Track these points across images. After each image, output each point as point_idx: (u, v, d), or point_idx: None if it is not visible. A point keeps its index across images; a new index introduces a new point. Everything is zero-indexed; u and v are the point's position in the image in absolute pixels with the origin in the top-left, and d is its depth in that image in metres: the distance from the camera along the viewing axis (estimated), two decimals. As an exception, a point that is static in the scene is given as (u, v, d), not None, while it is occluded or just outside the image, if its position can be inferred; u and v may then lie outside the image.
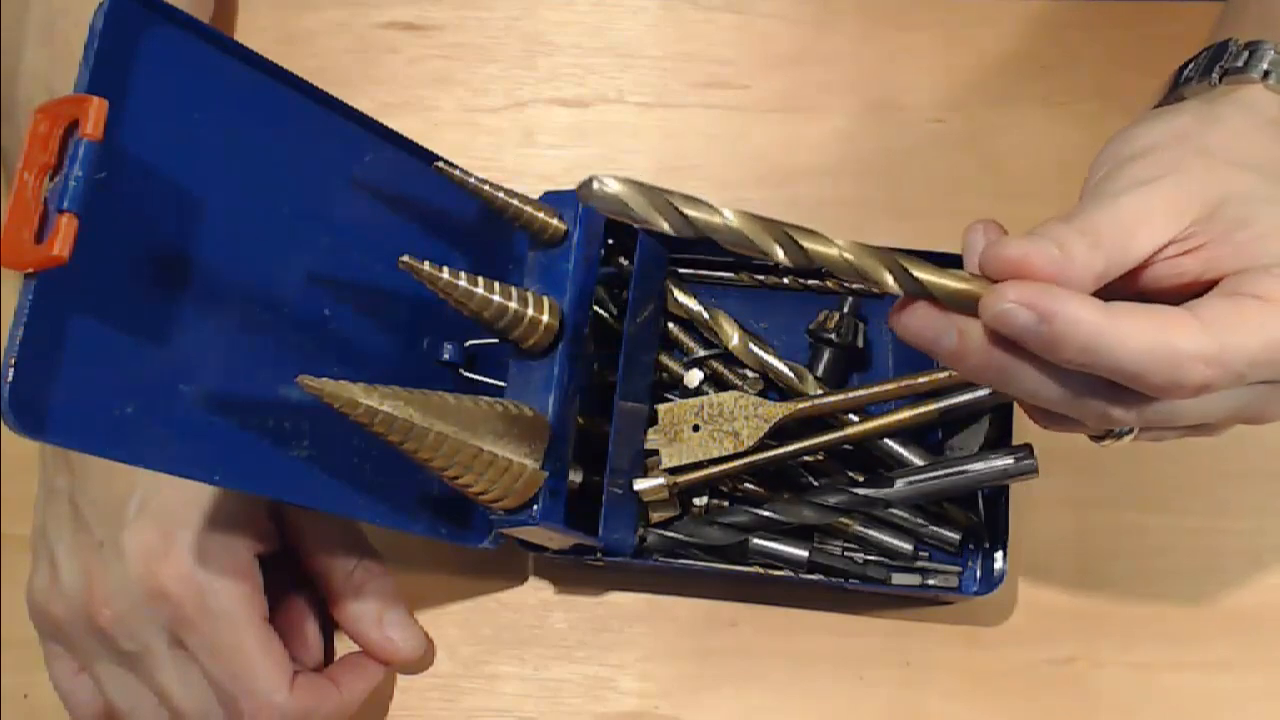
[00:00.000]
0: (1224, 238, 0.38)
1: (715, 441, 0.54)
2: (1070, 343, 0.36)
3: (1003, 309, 0.36)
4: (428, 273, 0.47)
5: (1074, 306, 0.35)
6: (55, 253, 0.36)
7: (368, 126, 0.50)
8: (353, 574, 0.54)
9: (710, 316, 0.57)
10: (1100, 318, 0.36)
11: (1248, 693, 0.54)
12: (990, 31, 0.63)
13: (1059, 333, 0.36)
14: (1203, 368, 0.36)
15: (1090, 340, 0.35)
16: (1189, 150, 0.40)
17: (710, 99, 0.63)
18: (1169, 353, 0.36)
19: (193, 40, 0.43)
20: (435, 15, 0.65)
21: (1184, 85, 0.45)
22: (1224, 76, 0.43)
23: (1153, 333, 0.36)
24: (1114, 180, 0.40)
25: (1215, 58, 0.44)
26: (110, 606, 0.49)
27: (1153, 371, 0.36)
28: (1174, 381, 0.36)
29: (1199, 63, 0.45)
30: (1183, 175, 0.39)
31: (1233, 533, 0.56)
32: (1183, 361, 0.36)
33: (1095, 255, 0.37)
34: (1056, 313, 0.35)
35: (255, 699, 0.49)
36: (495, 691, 0.56)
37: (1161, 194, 0.38)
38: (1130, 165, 0.40)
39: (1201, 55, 0.45)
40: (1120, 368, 0.36)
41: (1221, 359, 0.36)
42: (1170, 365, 0.36)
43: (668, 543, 0.54)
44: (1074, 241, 0.37)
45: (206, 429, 0.43)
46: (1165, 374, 0.36)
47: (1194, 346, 0.36)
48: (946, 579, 0.54)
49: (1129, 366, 0.36)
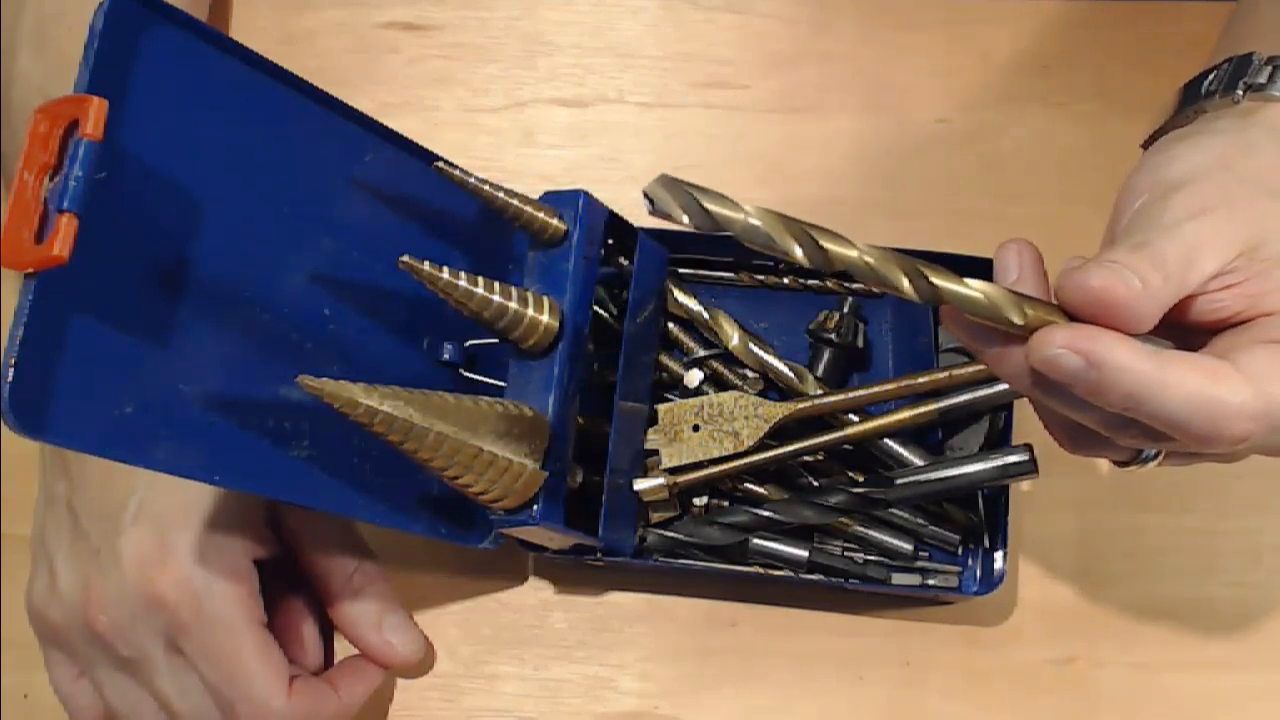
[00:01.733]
0: (1265, 275, 0.38)
1: (715, 441, 0.54)
2: (1116, 391, 0.36)
3: (1052, 355, 0.36)
4: (428, 273, 0.47)
5: (1123, 354, 0.35)
6: (55, 253, 0.36)
7: (368, 126, 0.50)
8: (351, 577, 0.54)
9: (710, 316, 0.57)
10: (1148, 367, 0.35)
11: (1248, 693, 0.54)
12: (990, 31, 0.63)
13: (1106, 380, 0.35)
14: (1245, 423, 0.36)
15: (1136, 390, 0.35)
16: (1234, 180, 0.40)
17: (710, 99, 0.63)
18: (1214, 407, 0.36)
19: (193, 40, 0.43)
20: (435, 15, 0.65)
21: (1205, 99, 0.44)
22: (1248, 92, 0.43)
23: (1199, 385, 0.36)
24: (1166, 208, 0.39)
25: (1238, 72, 0.43)
26: (107, 613, 0.49)
27: (1195, 424, 0.36)
28: (1215, 434, 0.36)
29: (1220, 75, 0.44)
30: (1230, 207, 0.39)
31: (1232, 532, 0.56)
32: (1228, 416, 0.36)
33: (1165, 286, 0.37)
34: (1105, 361, 0.35)
35: (253, 704, 0.49)
36: (495, 691, 0.56)
37: (1214, 224, 0.38)
38: (1179, 194, 0.39)
39: (1223, 67, 0.44)
40: (1163, 417, 0.36)
41: (1264, 415, 0.36)
42: (1213, 419, 0.36)
43: (668, 543, 0.54)
44: (1150, 273, 0.37)
45: (206, 429, 0.43)
46: (1207, 427, 0.36)
47: (1239, 401, 0.36)
48: (946, 579, 0.54)
49: (1172, 417, 0.36)
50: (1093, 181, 0.59)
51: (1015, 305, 0.36)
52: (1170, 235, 0.38)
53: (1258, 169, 0.40)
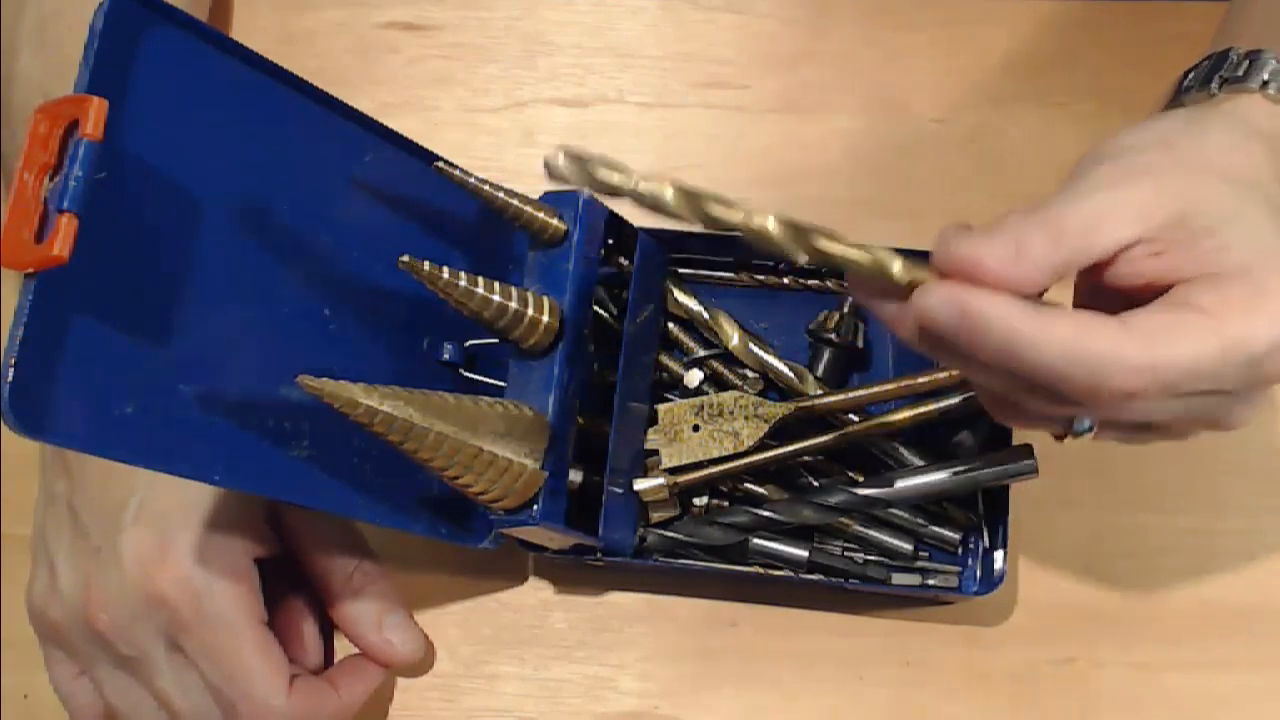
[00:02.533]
0: (1187, 245, 0.38)
1: (715, 441, 0.54)
2: (989, 340, 0.36)
3: (926, 305, 0.37)
4: (428, 273, 0.47)
5: (994, 305, 0.36)
6: (55, 253, 0.36)
7: (368, 126, 0.50)
8: (352, 576, 0.54)
9: (710, 316, 0.57)
10: (1021, 317, 0.36)
11: (1248, 693, 0.54)
12: (990, 31, 0.63)
13: (977, 329, 0.36)
14: (1127, 375, 0.36)
15: (1008, 340, 0.36)
16: (1169, 157, 0.40)
17: (710, 99, 0.63)
18: (1087, 357, 0.36)
19: (193, 40, 0.43)
20: (435, 15, 0.65)
21: (1185, 94, 0.45)
22: (1223, 85, 0.43)
23: (1073, 336, 0.36)
24: (1088, 177, 0.39)
25: (1215, 67, 0.44)
26: (108, 612, 0.49)
27: (1074, 374, 0.36)
28: (1093, 386, 0.36)
29: (1200, 71, 0.45)
30: (1157, 179, 0.39)
31: (1232, 532, 0.56)
32: (1104, 366, 0.36)
33: (1055, 252, 0.37)
34: (976, 312, 0.36)
35: (253, 703, 0.49)
36: (495, 691, 0.56)
37: (1132, 194, 0.38)
38: (1108, 163, 0.40)
39: (1203, 64, 0.45)
40: (1040, 368, 0.36)
41: (1149, 369, 0.36)
42: (1091, 370, 0.36)
43: (668, 543, 0.54)
44: (1033, 237, 0.37)
45: (206, 429, 0.43)
46: (1087, 378, 0.36)
47: (1113, 353, 0.36)
48: (946, 579, 0.54)
49: (1049, 367, 0.36)
50: (1092, 181, 0.60)
51: (900, 263, 0.38)
52: (1074, 200, 0.38)
53: (1202, 148, 0.40)
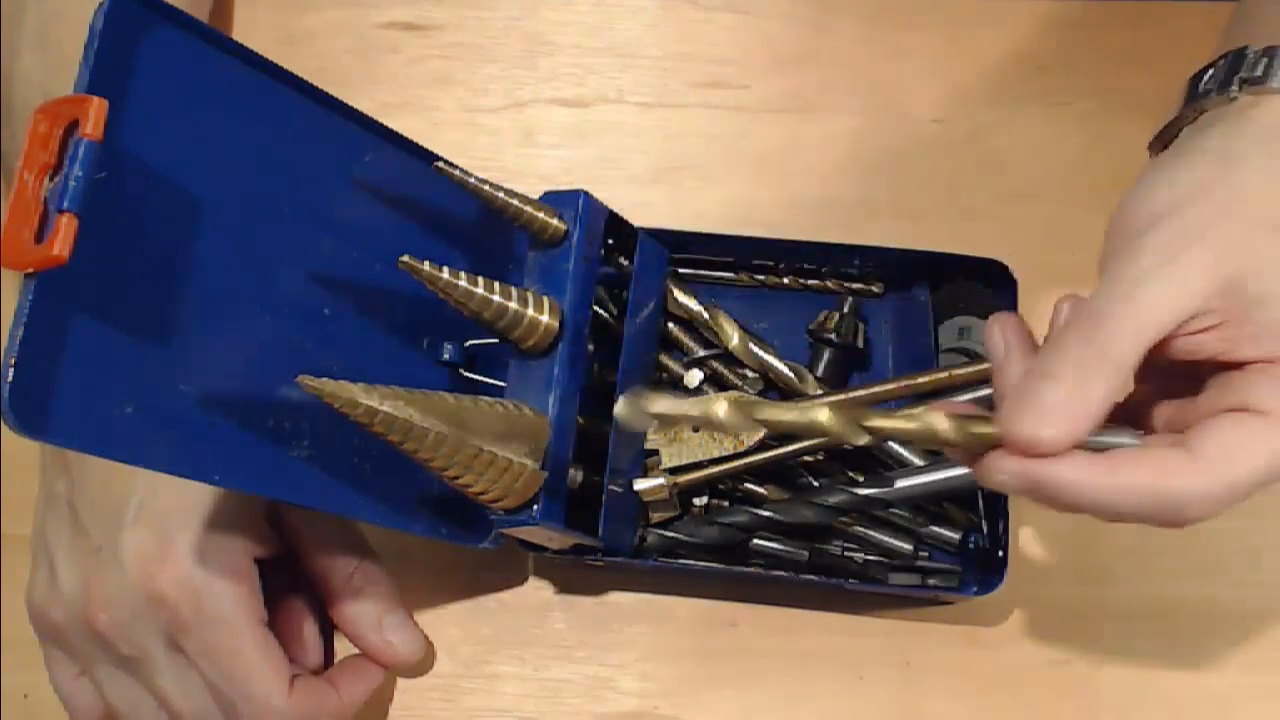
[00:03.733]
0: (1243, 317, 0.38)
1: (715, 441, 0.54)
2: (1064, 500, 0.38)
3: (998, 480, 0.39)
4: (428, 273, 0.47)
5: (1062, 471, 0.37)
6: (55, 253, 0.36)
7: (368, 126, 0.50)
8: (352, 577, 0.54)
9: (710, 316, 0.57)
10: (1092, 476, 0.37)
11: (1248, 693, 0.54)
12: (990, 32, 0.63)
13: (1053, 495, 0.38)
14: (1204, 505, 0.38)
15: (1084, 499, 0.38)
16: (1209, 211, 0.39)
17: (710, 99, 0.63)
18: (1166, 501, 0.38)
19: (193, 40, 0.43)
20: (435, 15, 0.65)
21: (1203, 98, 0.44)
22: (1244, 86, 0.42)
23: (1148, 483, 0.38)
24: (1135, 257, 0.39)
25: (1233, 67, 0.43)
26: (108, 611, 0.49)
27: (1154, 517, 0.38)
28: (1176, 520, 0.38)
29: (1216, 72, 0.44)
30: (1202, 246, 0.38)
31: (1232, 532, 0.56)
32: (1183, 505, 0.38)
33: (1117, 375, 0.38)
34: (1046, 481, 0.38)
35: (253, 703, 0.49)
36: (495, 691, 0.56)
37: (1182, 273, 0.38)
38: (1152, 235, 0.39)
39: (1219, 64, 0.44)
40: (1121, 517, 0.38)
41: (1226, 496, 0.37)
42: (1168, 511, 0.38)
43: (668, 543, 0.54)
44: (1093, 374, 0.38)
45: (206, 429, 0.43)
46: (1166, 517, 0.38)
47: (1191, 489, 0.37)
48: (946, 579, 0.54)
49: (1129, 514, 0.38)
50: (1092, 181, 0.60)
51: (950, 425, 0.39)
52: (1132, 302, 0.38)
53: (1241, 189, 0.39)
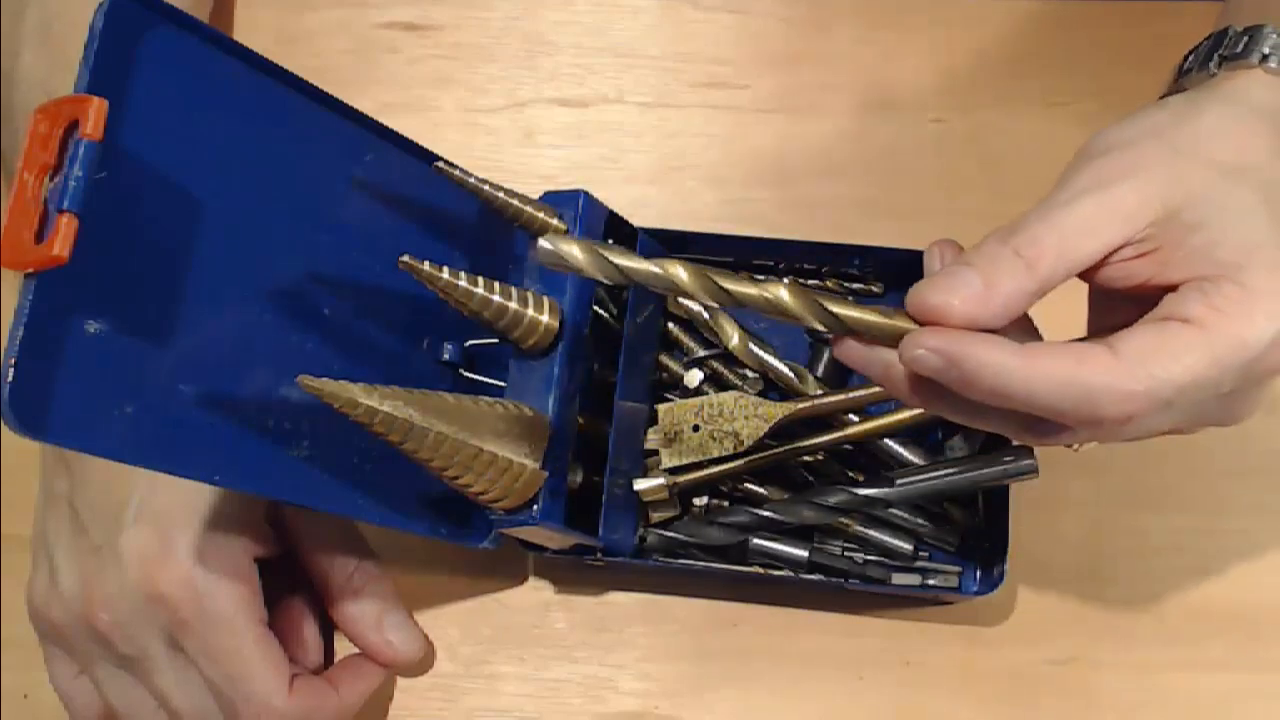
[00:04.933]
0: (1177, 243, 0.38)
1: (715, 441, 0.54)
2: (982, 384, 0.37)
3: (913, 355, 0.38)
4: (428, 273, 0.47)
5: (981, 350, 0.37)
6: (55, 253, 0.36)
7: (368, 126, 0.50)
8: (352, 576, 0.54)
9: (710, 316, 0.57)
10: (1010, 359, 0.37)
11: (1248, 693, 0.54)
12: (990, 31, 0.63)
13: (968, 375, 0.37)
14: (1120, 402, 0.36)
15: (1000, 383, 0.37)
16: (1157, 148, 0.39)
17: (710, 99, 0.63)
18: (1081, 390, 0.36)
19: (193, 40, 0.43)
20: (435, 15, 0.65)
21: (1185, 76, 0.44)
22: (1223, 63, 0.43)
23: (1063, 372, 0.37)
24: (1073, 182, 0.39)
25: (1215, 45, 0.43)
26: (108, 611, 0.49)
27: (1071, 410, 0.37)
28: (1093, 416, 0.37)
29: (1199, 52, 0.44)
30: (1143, 176, 0.38)
31: (1232, 532, 0.56)
32: (1097, 399, 0.36)
33: (1029, 277, 0.37)
34: (964, 357, 0.37)
35: (253, 702, 0.49)
36: (495, 691, 0.56)
37: (1117, 197, 0.38)
38: (1093, 163, 0.39)
39: (1202, 45, 0.44)
40: (1036, 407, 0.37)
41: (1143, 393, 0.36)
42: (1086, 402, 0.37)
43: (668, 543, 0.54)
44: (1002, 269, 0.37)
45: (206, 429, 0.43)
46: (1085, 411, 0.37)
47: (1105, 383, 0.36)
48: (946, 579, 0.54)
49: (1044, 405, 0.37)
50: (1092, 181, 0.60)
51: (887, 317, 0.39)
52: (1053, 214, 0.38)
53: (1192, 134, 0.40)
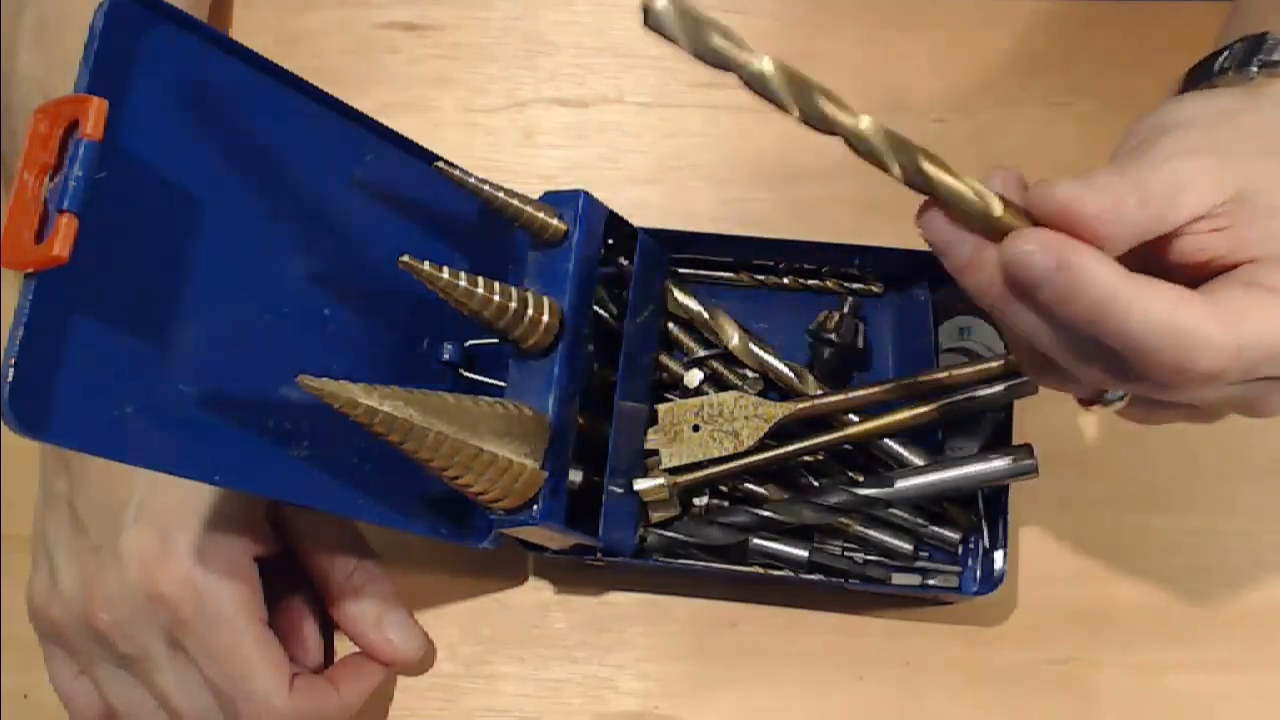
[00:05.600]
0: (1253, 222, 0.37)
1: (715, 441, 0.54)
2: (1084, 298, 0.35)
3: (1023, 251, 0.35)
4: (428, 273, 0.47)
5: (1095, 262, 0.35)
6: (55, 253, 0.36)
7: (368, 126, 0.50)
8: (352, 575, 0.54)
9: (710, 316, 0.57)
10: (1120, 279, 0.35)
11: (1248, 693, 0.54)
12: (991, 32, 0.63)
13: (1074, 284, 0.35)
14: (1214, 355, 0.35)
15: (1104, 300, 0.35)
16: (1233, 129, 0.39)
17: (710, 99, 0.63)
18: (1183, 333, 0.35)
19: (193, 40, 0.43)
20: (435, 15, 0.65)
21: (1219, 76, 0.44)
22: (1263, 68, 0.43)
23: (1169, 306, 0.35)
24: (1159, 145, 0.38)
25: (1252, 50, 0.43)
26: (108, 610, 0.49)
27: (1163, 349, 0.35)
28: (1182, 364, 0.35)
29: (1234, 54, 0.44)
30: (1226, 154, 0.38)
31: (1233, 533, 0.56)
32: (1196, 344, 0.35)
33: (1143, 212, 0.36)
34: (1076, 264, 0.35)
35: (254, 702, 0.49)
36: (495, 691, 0.56)
37: (1206, 166, 0.37)
38: (1175, 134, 0.39)
39: (1236, 47, 0.44)
40: (1129, 337, 0.35)
41: (1236, 350, 0.35)
42: (1182, 346, 0.35)
43: (668, 543, 0.54)
44: (1127, 195, 0.36)
45: (206, 429, 0.43)
46: (1175, 354, 0.35)
47: (1208, 330, 0.35)
48: (946, 579, 0.54)
49: (1138, 338, 0.35)
50: (1093, 181, 0.60)
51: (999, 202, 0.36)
52: (1156, 167, 0.37)
53: (1259, 124, 0.40)
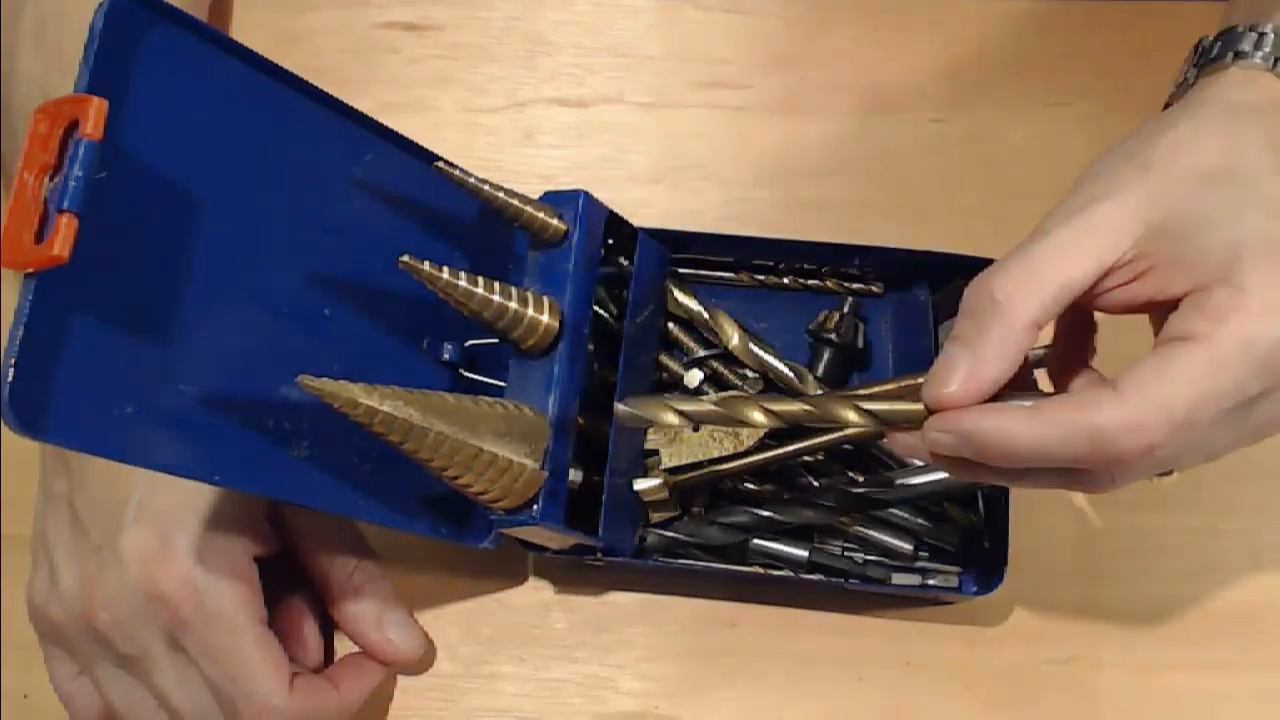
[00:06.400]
0: (1169, 257, 0.38)
1: (715, 441, 0.54)
2: (993, 452, 0.38)
3: (932, 440, 0.39)
4: (428, 273, 0.47)
5: (986, 422, 0.38)
6: (55, 253, 0.36)
7: (368, 126, 0.50)
8: (352, 575, 0.54)
9: (710, 316, 0.57)
10: (1014, 423, 0.38)
11: (1248, 693, 0.54)
12: (990, 31, 0.63)
13: (983, 446, 0.38)
14: (1133, 435, 0.36)
15: (1012, 446, 0.38)
16: (1129, 168, 0.39)
17: (710, 99, 0.63)
18: (1090, 435, 0.37)
19: (193, 40, 0.43)
20: (435, 15, 0.65)
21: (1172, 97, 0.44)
22: (1200, 72, 0.43)
23: (1070, 421, 0.37)
24: (1048, 219, 0.39)
25: (1190, 58, 0.44)
26: (108, 610, 0.49)
27: (1087, 456, 0.37)
28: (1111, 456, 0.37)
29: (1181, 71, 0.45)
30: (1118, 196, 0.38)
31: (1233, 532, 0.56)
32: (1108, 438, 0.37)
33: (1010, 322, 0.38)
34: (973, 431, 0.38)
35: (254, 701, 0.49)
36: (495, 691, 0.56)
37: (1093, 218, 0.38)
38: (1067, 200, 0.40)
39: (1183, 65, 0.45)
40: (1054, 459, 0.38)
41: (1154, 422, 0.36)
42: (1096, 446, 0.37)
43: (668, 543, 0.54)
44: (984, 323, 0.38)
45: (206, 429, 0.43)
46: (1098, 454, 0.37)
47: (1111, 420, 0.37)
48: (946, 579, 0.54)
49: (1062, 457, 0.38)
50: (1093, 181, 0.60)
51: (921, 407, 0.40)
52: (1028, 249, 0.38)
53: (1166, 148, 0.39)
